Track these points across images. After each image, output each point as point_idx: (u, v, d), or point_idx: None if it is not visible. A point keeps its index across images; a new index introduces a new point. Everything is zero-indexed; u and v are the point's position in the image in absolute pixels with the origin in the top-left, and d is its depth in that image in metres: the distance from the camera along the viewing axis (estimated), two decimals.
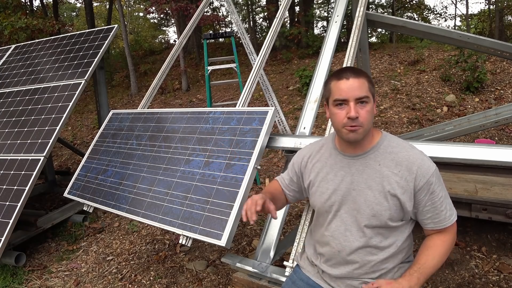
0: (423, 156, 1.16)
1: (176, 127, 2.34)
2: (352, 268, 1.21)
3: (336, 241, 1.23)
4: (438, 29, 2.83)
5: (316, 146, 1.37)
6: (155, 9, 9.28)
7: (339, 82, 1.15)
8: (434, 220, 1.16)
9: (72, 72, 3.44)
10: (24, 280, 2.69)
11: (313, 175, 1.32)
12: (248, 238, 2.92)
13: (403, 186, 1.14)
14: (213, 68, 4.04)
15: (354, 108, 1.11)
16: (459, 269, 2.24)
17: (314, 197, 1.30)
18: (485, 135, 4.63)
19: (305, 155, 1.38)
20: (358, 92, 1.12)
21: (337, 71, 1.20)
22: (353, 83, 1.12)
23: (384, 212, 1.15)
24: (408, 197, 1.14)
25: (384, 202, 1.15)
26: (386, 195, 1.15)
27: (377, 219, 1.16)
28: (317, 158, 1.33)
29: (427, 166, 1.14)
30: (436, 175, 1.14)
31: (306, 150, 1.40)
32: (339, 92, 1.14)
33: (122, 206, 2.15)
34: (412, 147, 1.20)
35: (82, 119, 8.77)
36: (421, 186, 1.13)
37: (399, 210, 1.15)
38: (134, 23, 23.50)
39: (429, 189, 1.13)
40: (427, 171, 1.13)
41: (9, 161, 2.98)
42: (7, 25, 8.09)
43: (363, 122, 1.12)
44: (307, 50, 10.12)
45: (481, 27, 13.69)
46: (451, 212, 1.17)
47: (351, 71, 1.16)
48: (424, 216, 1.17)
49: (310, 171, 1.33)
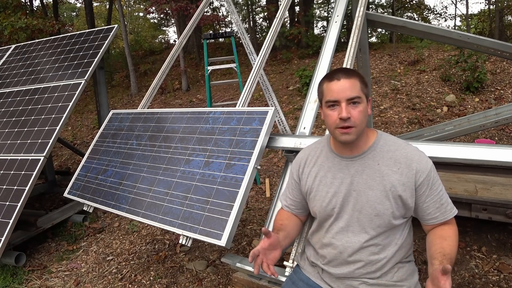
0: (420, 152, 1.19)
1: (176, 127, 2.34)
2: (354, 268, 1.20)
3: (338, 243, 1.22)
4: (438, 29, 2.82)
5: (312, 150, 1.36)
6: (155, 9, 9.28)
7: (331, 83, 1.16)
8: (437, 214, 1.17)
9: (72, 72, 3.44)
10: (24, 280, 2.69)
11: (311, 180, 1.30)
12: (248, 238, 2.92)
13: (404, 183, 1.15)
14: (213, 68, 4.04)
15: (345, 108, 1.12)
16: (459, 269, 2.24)
17: (314, 202, 1.29)
18: (485, 135, 4.63)
19: (301, 161, 1.37)
20: (349, 93, 1.12)
21: (329, 72, 1.21)
22: (344, 84, 1.13)
23: (387, 211, 1.15)
24: (409, 193, 1.15)
25: (386, 201, 1.15)
26: (388, 193, 1.15)
27: (380, 218, 1.16)
28: (313, 162, 1.32)
29: (425, 162, 1.16)
30: (434, 169, 1.18)
31: (301, 155, 1.39)
32: (331, 94, 1.15)
33: (122, 206, 2.15)
34: (407, 144, 1.22)
35: (82, 119, 8.77)
36: (421, 181, 1.14)
37: (401, 208, 1.16)
38: (134, 23, 23.50)
39: (428, 183, 1.15)
40: (426, 166, 1.15)
41: (9, 161, 2.98)
42: (7, 25, 8.09)
43: (356, 122, 1.13)
44: (307, 50, 10.12)
45: (481, 27, 13.69)
46: (451, 205, 1.19)
47: (343, 72, 1.17)
48: (424, 212, 1.18)
49: (307, 176, 1.32)
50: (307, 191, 1.32)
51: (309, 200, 1.32)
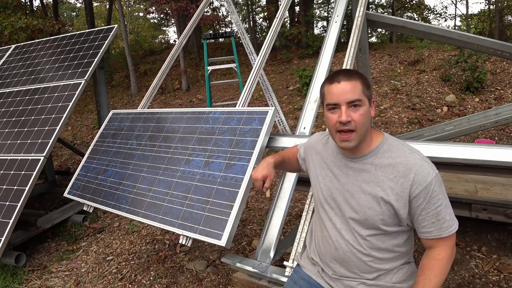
0: (423, 162, 1.10)
1: (176, 127, 2.34)
2: (349, 267, 1.21)
3: (332, 239, 1.24)
4: (438, 29, 2.82)
5: (324, 138, 1.38)
6: (155, 9, 9.28)
7: (331, 86, 1.14)
8: (432, 229, 1.10)
9: (72, 72, 3.44)
10: (24, 280, 2.69)
11: (311, 166, 1.37)
12: (248, 238, 2.91)
13: (397, 193, 1.10)
14: (213, 68, 4.04)
15: (345, 112, 1.10)
16: (459, 269, 2.24)
17: (312, 186, 1.35)
18: (485, 135, 4.63)
19: (312, 142, 1.43)
20: (349, 96, 1.09)
21: (331, 74, 1.19)
22: (345, 87, 1.10)
23: (376, 217, 1.13)
24: (402, 204, 1.10)
25: (376, 207, 1.13)
26: (379, 200, 1.13)
27: (369, 223, 1.15)
28: (319, 151, 1.36)
29: (426, 173, 1.08)
30: (436, 182, 1.08)
31: (315, 138, 1.43)
32: (331, 96, 1.13)
33: (122, 206, 2.15)
34: (412, 152, 1.14)
35: (82, 119, 8.77)
36: (417, 194, 1.08)
37: (393, 216, 1.13)
38: (134, 23, 23.50)
39: (425, 197, 1.08)
40: (425, 179, 1.08)
41: (9, 161, 2.98)
42: (7, 25, 8.09)
43: (356, 125, 1.10)
44: (307, 50, 10.12)
45: (481, 27, 13.69)
46: (450, 223, 1.10)
47: (344, 73, 1.14)
48: (419, 225, 1.12)
49: (310, 160, 1.39)
50: (310, 173, 1.40)
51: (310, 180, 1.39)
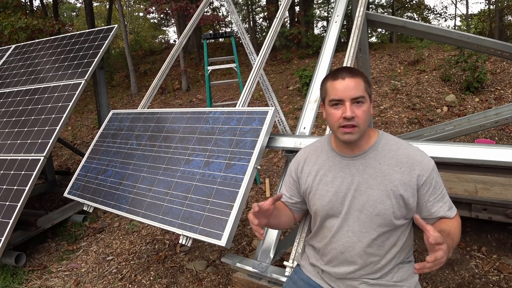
0: (422, 152, 1.19)
1: (176, 127, 2.34)
2: (354, 268, 1.20)
3: (339, 242, 1.22)
4: (438, 29, 2.82)
5: (312, 149, 1.36)
6: (155, 9, 9.29)
7: (335, 82, 1.15)
8: (441, 210, 1.17)
9: (72, 72, 3.44)
10: (24, 280, 2.69)
11: (311, 179, 1.29)
12: (248, 238, 2.92)
13: (405, 183, 1.14)
14: (213, 68, 4.04)
15: (350, 108, 1.11)
16: (459, 269, 2.24)
17: (314, 201, 1.28)
18: (485, 135, 4.63)
19: (300, 159, 1.36)
20: (354, 92, 1.12)
21: (333, 71, 1.20)
22: (349, 83, 1.13)
23: (388, 211, 1.15)
24: (411, 193, 1.15)
25: (387, 201, 1.15)
26: (389, 193, 1.15)
27: (381, 217, 1.15)
28: (313, 161, 1.31)
29: (427, 161, 1.16)
30: (436, 169, 1.18)
31: (301, 154, 1.38)
32: (335, 92, 1.14)
33: (122, 206, 2.15)
34: (409, 144, 1.22)
35: (82, 119, 8.77)
36: (423, 181, 1.14)
37: (403, 208, 1.16)
38: (134, 23, 23.50)
39: (432, 182, 1.15)
40: (428, 166, 1.15)
41: (9, 161, 2.98)
42: (7, 25, 8.09)
43: (359, 122, 1.13)
44: (307, 50, 10.12)
45: (481, 27, 13.68)
46: (452, 204, 1.20)
47: (347, 71, 1.16)
48: (432, 210, 1.17)
49: (307, 175, 1.31)
50: (307, 190, 1.31)
51: (309, 199, 1.31)
